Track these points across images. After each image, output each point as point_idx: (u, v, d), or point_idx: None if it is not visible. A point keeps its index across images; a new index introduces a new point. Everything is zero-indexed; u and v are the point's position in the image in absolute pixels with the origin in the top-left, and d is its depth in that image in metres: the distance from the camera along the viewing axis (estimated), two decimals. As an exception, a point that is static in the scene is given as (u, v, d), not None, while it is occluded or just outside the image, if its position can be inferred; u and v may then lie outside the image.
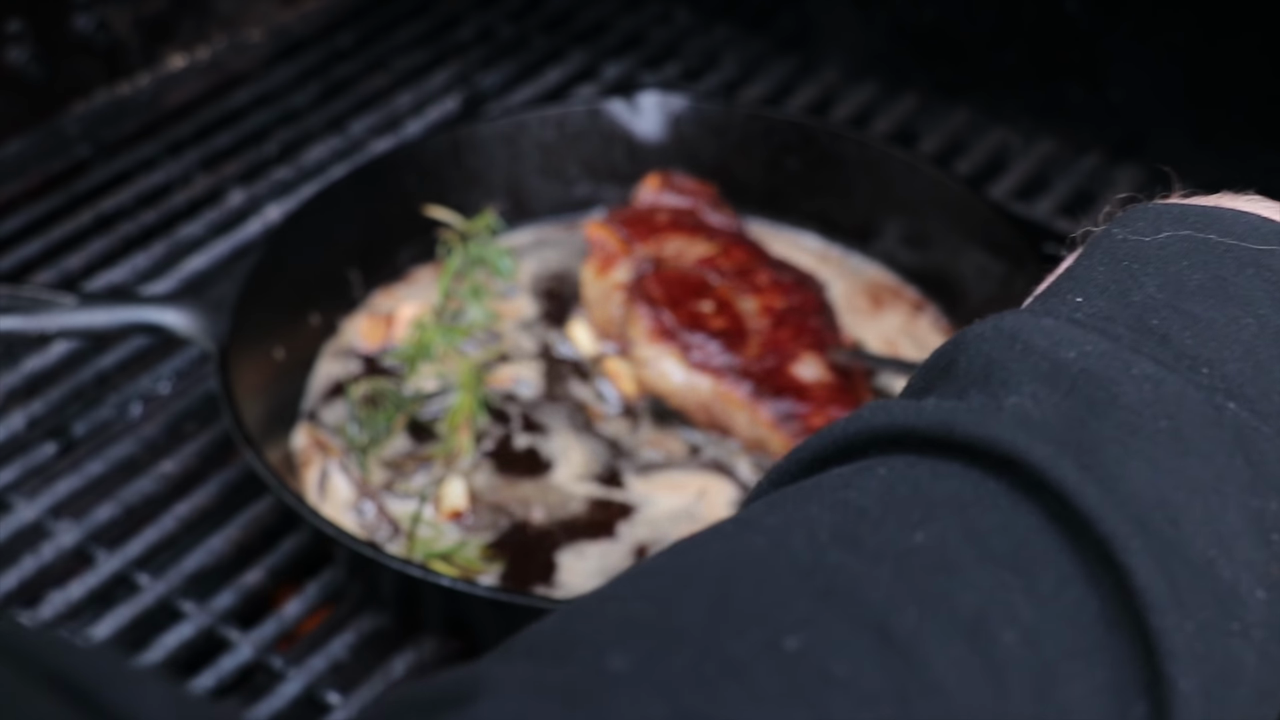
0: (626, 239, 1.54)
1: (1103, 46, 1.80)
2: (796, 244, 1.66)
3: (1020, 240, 1.48)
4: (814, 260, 1.61)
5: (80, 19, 1.86)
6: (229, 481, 1.46)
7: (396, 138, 1.88)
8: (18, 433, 1.52)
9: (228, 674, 1.31)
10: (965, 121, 1.92)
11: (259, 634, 1.34)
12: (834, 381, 1.41)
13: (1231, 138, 1.78)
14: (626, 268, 1.52)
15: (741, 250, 1.52)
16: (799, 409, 1.39)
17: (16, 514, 1.44)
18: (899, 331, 1.57)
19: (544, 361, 1.55)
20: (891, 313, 1.56)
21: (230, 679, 1.31)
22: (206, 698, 0.58)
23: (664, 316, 1.45)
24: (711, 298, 1.47)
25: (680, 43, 2.08)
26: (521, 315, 1.60)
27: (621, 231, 1.55)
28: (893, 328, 1.56)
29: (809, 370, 1.40)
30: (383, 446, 1.45)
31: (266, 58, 2.03)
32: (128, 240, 1.75)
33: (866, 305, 1.56)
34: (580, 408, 1.50)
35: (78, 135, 1.87)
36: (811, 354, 1.41)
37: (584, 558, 1.37)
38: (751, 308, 1.45)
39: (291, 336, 1.51)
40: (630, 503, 1.41)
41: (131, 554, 1.41)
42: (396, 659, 1.31)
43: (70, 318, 1.39)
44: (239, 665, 1.32)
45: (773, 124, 1.66)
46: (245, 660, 1.32)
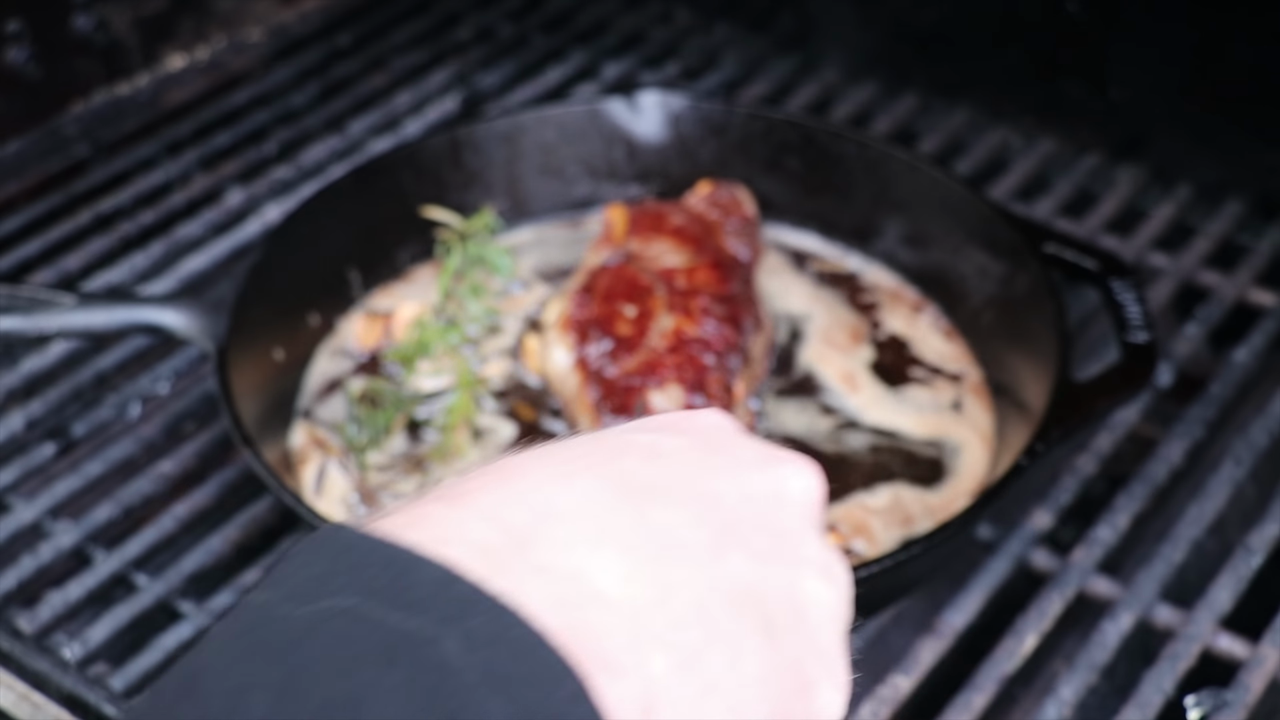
0: (628, 228, 1.55)
1: (1103, 46, 1.79)
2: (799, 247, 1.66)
3: (1020, 240, 1.47)
4: (808, 295, 1.59)
5: (79, 19, 1.85)
6: (227, 481, 1.45)
7: (395, 137, 1.88)
8: (16, 433, 1.51)
9: (226, 675, 1.30)
10: (965, 121, 1.91)
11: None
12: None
13: (1232, 137, 1.77)
14: (606, 253, 1.53)
15: (711, 274, 1.50)
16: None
17: (15, 514, 1.44)
18: (901, 332, 1.57)
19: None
20: (865, 347, 1.55)
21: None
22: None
23: (585, 308, 1.46)
24: (641, 305, 1.46)
25: (680, 42, 2.08)
26: (525, 309, 1.59)
27: (629, 220, 1.56)
28: (861, 361, 1.54)
29: (665, 401, 1.39)
30: (380, 446, 1.44)
31: (266, 57, 2.03)
32: (126, 240, 1.75)
33: (845, 341, 1.55)
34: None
35: (76, 135, 1.87)
36: (679, 387, 1.40)
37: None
38: (667, 327, 1.45)
39: (290, 336, 1.50)
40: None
41: (130, 554, 1.40)
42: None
43: (69, 318, 1.39)
44: (238, 666, 1.31)
45: (772, 124, 1.65)
46: (244, 661, 1.32)
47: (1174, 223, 1.77)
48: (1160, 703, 1.27)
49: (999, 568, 1.36)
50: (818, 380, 1.51)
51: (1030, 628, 1.32)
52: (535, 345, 1.51)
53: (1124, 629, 1.32)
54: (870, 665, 1.36)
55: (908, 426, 1.46)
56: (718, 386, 1.41)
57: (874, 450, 1.44)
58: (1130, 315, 1.39)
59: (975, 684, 1.27)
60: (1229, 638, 1.31)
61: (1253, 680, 1.28)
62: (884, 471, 1.42)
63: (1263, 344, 1.60)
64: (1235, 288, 1.66)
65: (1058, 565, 1.37)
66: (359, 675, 0.57)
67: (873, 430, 1.46)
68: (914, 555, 1.20)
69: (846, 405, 1.48)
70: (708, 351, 1.42)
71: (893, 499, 1.39)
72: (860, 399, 1.49)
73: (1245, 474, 1.46)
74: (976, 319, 1.54)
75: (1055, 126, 1.87)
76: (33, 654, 1.31)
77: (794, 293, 1.60)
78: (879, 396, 1.49)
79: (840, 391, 1.50)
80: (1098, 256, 1.45)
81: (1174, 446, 1.48)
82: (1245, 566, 1.37)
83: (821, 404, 1.49)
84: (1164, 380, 1.56)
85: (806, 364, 1.53)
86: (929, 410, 1.47)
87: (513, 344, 1.56)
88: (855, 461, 1.43)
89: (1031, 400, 1.37)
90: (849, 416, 1.47)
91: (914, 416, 1.47)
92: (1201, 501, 1.42)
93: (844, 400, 1.49)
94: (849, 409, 1.48)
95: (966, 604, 1.33)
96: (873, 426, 1.46)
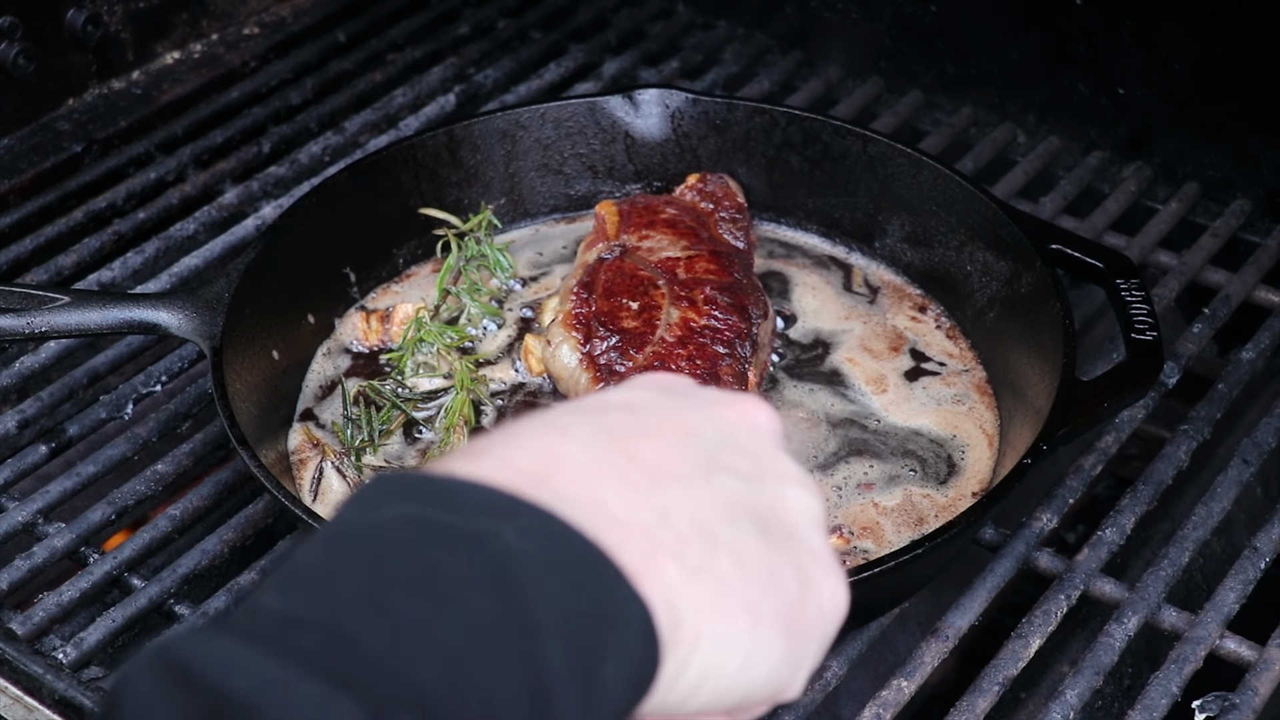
0: (621, 223, 1.53)
1: (1109, 43, 1.78)
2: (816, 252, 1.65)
3: (1025, 239, 1.46)
4: (840, 313, 1.58)
5: (72, 14, 1.84)
6: (223, 482, 1.44)
7: (393, 134, 1.87)
8: (9, 433, 1.50)
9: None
10: (970, 118, 1.90)
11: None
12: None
13: (1239, 134, 1.76)
14: (602, 249, 1.52)
15: (711, 263, 1.49)
16: None
17: (7, 516, 1.42)
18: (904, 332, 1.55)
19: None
20: (902, 357, 1.53)
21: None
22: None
23: (587, 304, 1.44)
24: (644, 298, 1.45)
25: (681, 39, 2.07)
26: (525, 308, 1.58)
27: (620, 215, 1.54)
28: (897, 368, 1.53)
29: None
30: (378, 447, 1.43)
31: (261, 53, 2.01)
32: (121, 238, 1.74)
33: (883, 350, 1.53)
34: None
35: (70, 132, 1.85)
36: (694, 380, 1.38)
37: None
38: (674, 318, 1.43)
39: (287, 335, 1.49)
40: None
41: (124, 556, 1.39)
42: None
43: (62, 317, 1.38)
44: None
45: (774, 120, 1.64)
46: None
47: (1180, 221, 1.75)
48: (1167, 706, 1.25)
49: (1003, 570, 1.35)
50: (845, 378, 1.50)
51: (1035, 631, 1.30)
52: (535, 346, 1.49)
53: (1130, 632, 1.30)
54: (873, 668, 1.35)
55: (928, 424, 1.45)
56: (731, 375, 1.40)
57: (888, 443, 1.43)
58: (1136, 314, 1.38)
59: (979, 687, 1.26)
60: (1236, 641, 1.30)
61: (1260, 684, 1.26)
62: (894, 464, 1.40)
63: (1270, 343, 1.58)
64: (1242, 287, 1.65)
65: (1063, 567, 1.36)
66: (436, 554, 0.66)
67: (891, 428, 1.44)
68: (916, 556, 1.19)
69: (870, 404, 1.47)
70: (719, 341, 1.41)
71: (904, 498, 1.38)
72: (884, 400, 1.48)
73: (1252, 475, 1.44)
74: (981, 318, 1.52)
75: (1061, 123, 1.86)
76: (26, 657, 1.29)
77: (829, 310, 1.58)
78: (904, 398, 1.48)
79: (866, 390, 1.49)
80: (1103, 255, 1.44)
81: (1180, 447, 1.46)
82: (1253, 568, 1.35)
83: (841, 394, 1.48)
84: (1170, 380, 1.55)
85: (835, 363, 1.52)
86: (947, 405, 1.46)
87: (512, 344, 1.54)
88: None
89: (1036, 400, 1.36)
90: (870, 412, 1.46)
91: (934, 413, 1.45)
92: (1208, 503, 1.41)
93: (868, 400, 1.48)
94: (872, 407, 1.47)
95: (970, 606, 1.32)
96: (892, 425, 1.45)
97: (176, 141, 1.88)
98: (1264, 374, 1.60)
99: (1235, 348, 1.60)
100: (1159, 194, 1.80)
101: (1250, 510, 1.52)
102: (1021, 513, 1.39)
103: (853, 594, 0.80)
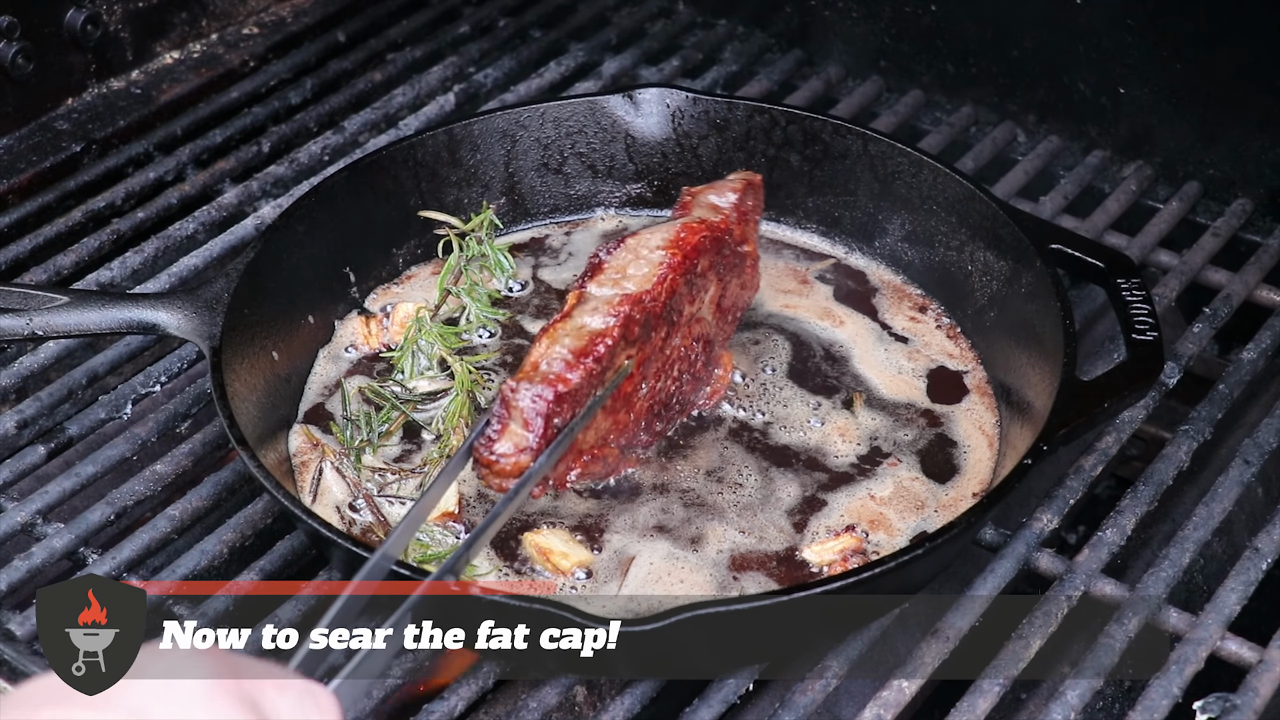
0: (713, 235, 1.44)
1: (1110, 43, 1.78)
2: (798, 242, 1.65)
3: (1026, 238, 1.46)
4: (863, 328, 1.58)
5: (71, 14, 1.84)
6: (222, 483, 1.44)
7: (393, 134, 1.86)
8: (8, 434, 1.50)
9: (221, 679, 1.29)
10: (970, 118, 1.90)
11: (253, 638, 1.31)
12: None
13: (1239, 134, 1.76)
14: (670, 259, 1.41)
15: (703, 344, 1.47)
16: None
17: (6, 516, 1.42)
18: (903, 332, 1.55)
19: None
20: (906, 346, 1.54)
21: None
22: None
23: (627, 312, 1.37)
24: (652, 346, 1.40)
25: (681, 38, 2.07)
26: (524, 308, 1.58)
27: (714, 225, 1.45)
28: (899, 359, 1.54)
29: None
30: (378, 448, 1.43)
31: (260, 53, 2.01)
32: (120, 238, 1.73)
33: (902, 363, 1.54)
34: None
35: (69, 131, 1.85)
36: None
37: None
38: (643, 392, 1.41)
39: (286, 336, 1.49)
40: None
41: (123, 557, 1.39)
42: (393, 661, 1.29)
43: (62, 317, 1.37)
44: (232, 670, 1.30)
45: (775, 119, 1.64)
46: (238, 665, 1.30)
47: (1181, 220, 1.75)
48: (1168, 708, 1.25)
49: (1003, 570, 1.35)
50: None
51: (1035, 632, 1.30)
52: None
53: (1131, 633, 1.30)
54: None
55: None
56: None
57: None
58: (1136, 314, 1.38)
59: (980, 688, 1.26)
60: (1237, 642, 1.30)
61: (1261, 685, 1.26)
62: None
63: (1271, 343, 1.58)
64: (1243, 286, 1.65)
65: (1063, 568, 1.35)
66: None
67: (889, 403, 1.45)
68: (916, 557, 1.19)
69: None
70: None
71: (896, 486, 1.38)
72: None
73: (1254, 475, 1.44)
74: (981, 318, 1.52)
75: (1061, 123, 1.85)
76: (25, 657, 1.29)
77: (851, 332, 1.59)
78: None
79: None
80: (1104, 255, 1.44)
81: (1181, 447, 1.46)
82: (1254, 569, 1.35)
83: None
84: (1170, 380, 1.54)
85: (855, 370, 1.53)
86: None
87: (511, 344, 1.54)
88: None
89: (1036, 400, 1.36)
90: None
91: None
92: (1209, 503, 1.41)
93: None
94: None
95: (971, 607, 1.32)
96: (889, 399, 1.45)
97: (176, 141, 1.88)
98: (1265, 374, 1.60)
99: (1236, 348, 1.60)
100: (1159, 193, 1.80)
101: (1251, 511, 1.52)
102: (1022, 513, 1.39)
103: (854, 594, 0.79)
